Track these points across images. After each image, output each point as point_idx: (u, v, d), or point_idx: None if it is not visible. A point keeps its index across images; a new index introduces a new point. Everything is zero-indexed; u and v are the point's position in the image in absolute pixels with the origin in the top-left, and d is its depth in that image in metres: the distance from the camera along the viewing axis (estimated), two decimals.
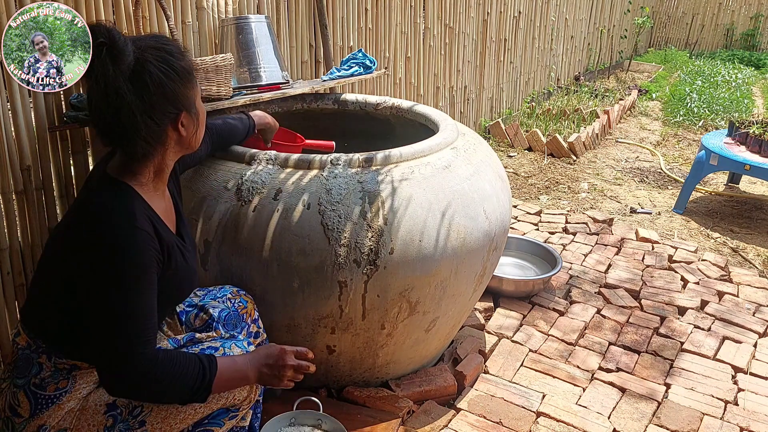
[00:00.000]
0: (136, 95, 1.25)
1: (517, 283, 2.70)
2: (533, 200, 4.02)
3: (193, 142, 1.41)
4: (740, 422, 2.07)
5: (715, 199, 4.17)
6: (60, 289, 1.31)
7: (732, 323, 2.62)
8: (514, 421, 2.01)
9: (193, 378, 1.30)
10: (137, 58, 1.25)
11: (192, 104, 1.35)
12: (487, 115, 5.31)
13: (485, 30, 4.93)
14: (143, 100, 1.26)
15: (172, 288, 1.40)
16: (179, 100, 1.31)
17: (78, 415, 1.33)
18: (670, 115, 6.22)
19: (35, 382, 1.33)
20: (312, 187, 1.76)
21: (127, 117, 1.25)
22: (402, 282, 1.77)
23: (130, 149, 1.31)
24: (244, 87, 2.41)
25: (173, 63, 1.29)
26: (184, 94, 1.32)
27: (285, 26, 2.92)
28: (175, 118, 1.32)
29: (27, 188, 2.00)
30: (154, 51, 1.28)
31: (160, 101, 1.28)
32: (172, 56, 1.30)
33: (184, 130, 1.35)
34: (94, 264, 1.23)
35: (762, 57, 9.13)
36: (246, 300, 1.74)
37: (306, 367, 1.47)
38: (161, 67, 1.27)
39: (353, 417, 1.91)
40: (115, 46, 1.21)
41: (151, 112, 1.27)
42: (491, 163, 2.09)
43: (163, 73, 1.27)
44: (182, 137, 1.36)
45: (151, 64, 1.26)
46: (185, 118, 1.34)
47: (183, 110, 1.33)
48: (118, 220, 1.25)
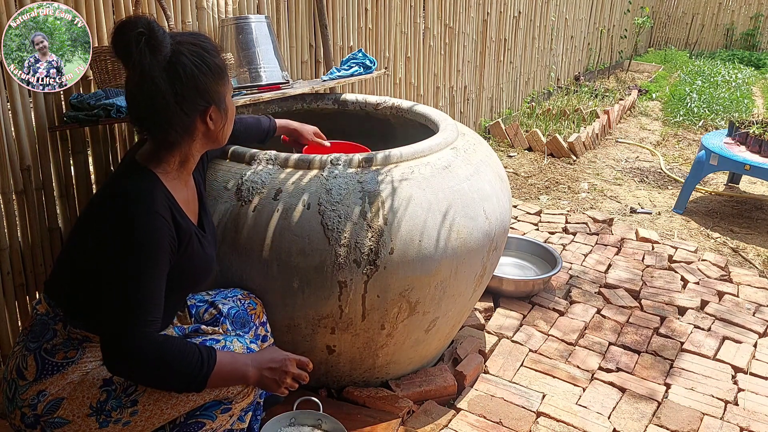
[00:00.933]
0: (169, 84, 1.31)
1: (517, 283, 2.70)
2: (533, 200, 4.02)
3: (221, 137, 1.46)
4: (740, 422, 2.07)
5: (715, 199, 4.17)
6: (81, 262, 1.37)
7: (732, 323, 2.62)
8: (514, 421, 2.01)
9: (190, 366, 1.31)
10: (173, 50, 1.31)
11: (222, 100, 1.41)
12: (487, 115, 5.31)
13: (485, 30, 4.93)
14: (175, 90, 1.31)
15: (187, 273, 1.44)
16: (209, 94, 1.37)
17: (75, 386, 1.36)
18: (670, 115, 6.22)
19: (46, 348, 1.37)
20: (312, 187, 1.76)
21: (160, 104, 1.32)
22: (402, 282, 1.77)
23: (160, 136, 1.37)
24: (244, 87, 2.41)
25: (207, 59, 1.35)
26: (215, 89, 1.38)
27: (285, 26, 2.92)
28: (204, 111, 1.37)
29: (27, 188, 2.00)
30: (190, 46, 1.34)
31: (191, 93, 1.34)
32: (207, 52, 1.36)
33: (213, 123, 1.40)
34: (112, 240, 1.29)
35: (762, 57, 9.13)
36: (255, 302, 1.76)
37: (304, 377, 1.50)
38: (195, 61, 1.33)
39: (353, 417, 1.91)
40: (154, 37, 1.27)
41: (182, 102, 1.33)
42: (491, 163, 2.09)
43: (197, 66, 1.33)
44: (210, 130, 1.41)
45: (185, 57, 1.32)
46: (214, 112, 1.39)
47: (212, 104, 1.38)
48: (139, 203, 1.31)
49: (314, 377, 2.01)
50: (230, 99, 1.45)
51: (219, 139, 1.46)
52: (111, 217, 1.31)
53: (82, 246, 1.38)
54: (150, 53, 1.28)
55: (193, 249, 1.42)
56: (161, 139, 1.38)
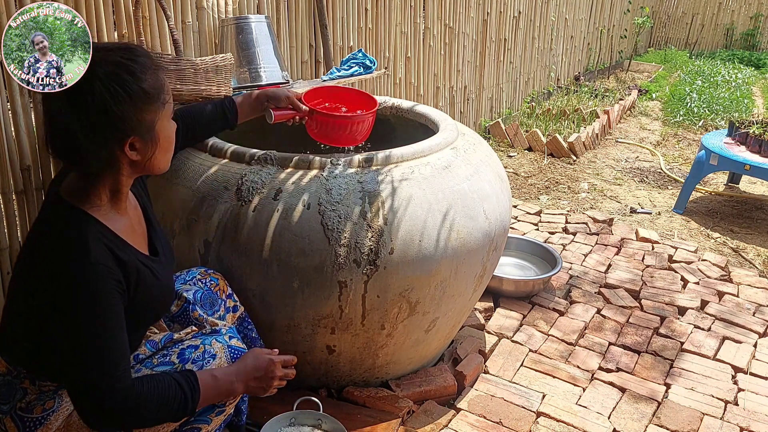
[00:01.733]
0: (74, 115, 1.18)
1: (517, 283, 2.70)
2: (533, 200, 4.02)
3: (153, 166, 1.30)
4: (740, 422, 2.07)
5: (715, 199, 4.17)
6: (30, 319, 1.27)
7: (732, 323, 2.62)
8: (514, 421, 2.01)
9: (174, 406, 1.28)
10: (85, 76, 1.17)
11: (148, 128, 1.24)
12: (487, 115, 5.31)
13: (485, 30, 4.93)
14: (81, 120, 1.18)
15: (146, 310, 1.36)
16: (126, 123, 1.20)
17: (63, 430, 1.31)
18: (670, 115, 6.22)
19: (21, 407, 1.30)
20: (312, 187, 1.76)
21: (68, 137, 1.19)
22: (402, 282, 1.77)
23: (79, 168, 1.25)
24: (244, 87, 2.41)
25: (128, 83, 1.19)
26: (135, 118, 1.21)
27: (285, 26, 2.92)
28: (121, 141, 1.22)
29: (27, 188, 2.01)
30: (109, 67, 1.19)
31: (101, 123, 1.19)
32: (131, 75, 1.19)
33: (137, 154, 1.25)
34: (55, 301, 1.18)
35: (762, 57, 9.13)
36: (216, 277, 1.71)
37: (291, 375, 1.48)
38: (111, 86, 1.18)
39: (353, 417, 1.91)
40: None
41: (92, 134, 1.19)
42: (491, 163, 2.09)
43: (110, 93, 1.17)
44: (136, 161, 1.26)
45: (99, 82, 1.17)
46: (137, 142, 1.24)
47: (133, 134, 1.22)
48: (73, 255, 1.19)
49: (314, 377, 2.01)
50: (164, 124, 1.28)
51: (150, 168, 1.30)
52: (47, 274, 1.19)
53: (28, 303, 1.26)
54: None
55: (145, 283, 1.31)
56: (81, 171, 1.25)
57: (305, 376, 2.00)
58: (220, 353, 1.45)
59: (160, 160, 1.31)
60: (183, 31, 2.43)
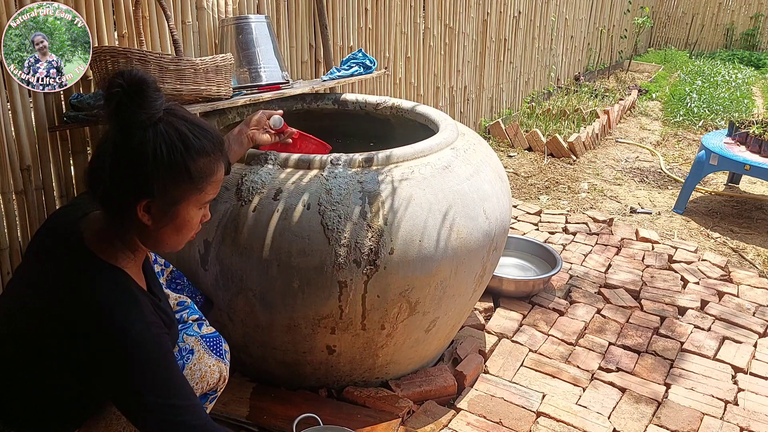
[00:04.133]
0: (118, 148, 1.14)
1: (517, 283, 2.70)
2: (533, 200, 4.02)
3: (161, 240, 1.23)
4: (740, 422, 2.07)
5: (715, 199, 4.17)
6: (49, 375, 1.20)
7: (732, 323, 2.62)
8: (514, 421, 2.01)
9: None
10: (154, 118, 1.13)
11: (170, 201, 1.18)
12: (487, 115, 5.31)
13: (485, 30, 4.93)
14: (118, 155, 1.14)
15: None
16: (151, 185, 1.15)
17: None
18: (670, 115, 6.22)
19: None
20: (312, 187, 1.76)
21: (101, 164, 1.16)
22: (402, 282, 1.77)
23: (102, 205, 1.19)
24: (244, 87, 2.41)
25: (175, 153, 1.15)
26: (163, 185, 1.16)
27: (285, 26, 2.92)
28: (139, 198, 1.16)
29: (27, 188, 2.00)
30: (172, 128, 1.15)
31: (131, 169, 1.14)
32: (185, 148, 1.16)
33: (149, 219, 1.18)
34: (119, 372, 1.14)
35: (762, 57, 9.14)
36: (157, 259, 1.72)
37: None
38: (159, 144, 1.13)
39: (353, 417, 1.91)
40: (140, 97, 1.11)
41: (118, 173, 1.14)
42: (491, 163, 2.09)
43: (153, 150, 1.13)
44: (147, 226, 1.19)
45: (154, 133, 1.14)
46: (154, 208, 1.18)
47: (151, 198, 1.16)
48: (131, 323, 1.14)
49: (314, 377, 2.01)
50: (190, 208, 1.22)
51: (160, 240, 1.23)
52: (102, 343, 1.13)
53: (52, 360, 1.18)
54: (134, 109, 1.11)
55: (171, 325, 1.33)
56: (102, 209, 1.20)
57: (305, 376, 2.00)
58: (197, 346, 1.48)
59: (170, 237, 1.24)
60: (183, 31, 2.43)
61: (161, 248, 1.26)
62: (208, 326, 1.59)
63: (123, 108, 1.10)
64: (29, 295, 1.22)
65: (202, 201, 1.24)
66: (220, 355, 1.55)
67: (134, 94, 1.10)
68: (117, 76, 1.10)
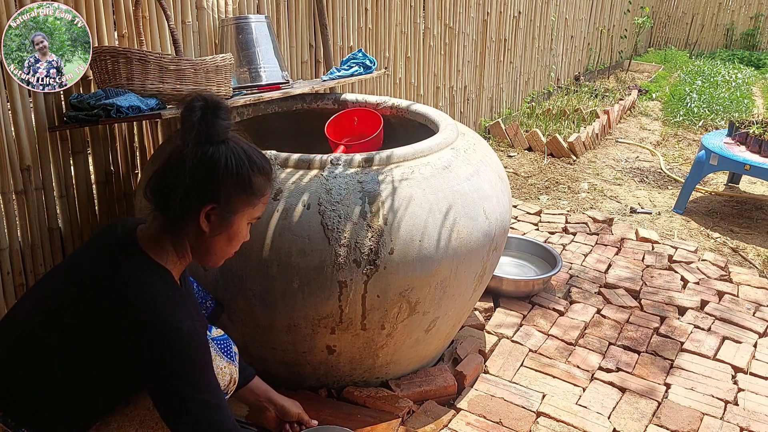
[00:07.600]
0: (191, 156, 1.23)
1: (517, 283, 2.70)
2: (533, 200, 4.02)
3: (209, 250, 1.33)
4: (740, 422, 2.07)
5: (715, 199, 4.17)
6: (70, 374, 1.24)
7: (732, 323, 2.62)
8: (514, 421, 2.01)
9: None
10: (225, 135, 1.26)
11: (230, 210, 1.29)
12: (487, 115, 5.31)
13: (485, 30, 4.93)
14: (189, 163, 1.24)
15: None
16: (219, 192, 1.26)
17: None
18: (670, 115, 6.22)
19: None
20: (312, 187, 1.76)
21: (170, 170, 1.26)
22: (402, 282, 1.77)
23: (161, 210, 1.28)
24: (244, 87, 2.42)
25: (243, 167, 1.27)
26: (228, 193, 1.27)
27: (285, 26, 2.92)
28: (204, 203, 1.26)
29: (27, 188, 2.00)
30: (242, 145, 1.29)
31: (202, 175, 1.24)
32: (251, 164, 1.28)
33: (208, 225, 1.28)
34: (166, 365, 1.20)
35: (762, 57, 9.14)
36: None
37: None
38: (230, 157, 1.25)
39: (353, 417, 1.91)
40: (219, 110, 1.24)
41: (188, 178, 1.24)
42: (491, 163, 2.09)
43: (226, 161, 1.25)
44: (202, 233, 1.29)
45: (226, 148, 1.26)
46: (214, 215, 1.28)
47: (216, 204, 1.27)
48: (181, 320, 1.21)
49: (314, 377, 2.01)
50: (242, 220, 1.32)
51: (207, 250, 1.32)
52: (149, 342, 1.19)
53: (83, 354, 1.23)
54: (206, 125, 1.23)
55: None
56: (161, 214, 1.28)
57: (305, 376, 2.00)
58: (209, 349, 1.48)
59: (220, 246, 1.33)
60: (183, 31, 2.43)
61: (208, 258, 1.35)
62: (217, 329, 1.61)
63: (201, 125, 1.22)
64: (73, 292, 1.26)
65: (252, 216, 1.35)
66: (230, 357, 1.56)
67: (212, 115, 1.23)
68: (197, 98, 1.24)
